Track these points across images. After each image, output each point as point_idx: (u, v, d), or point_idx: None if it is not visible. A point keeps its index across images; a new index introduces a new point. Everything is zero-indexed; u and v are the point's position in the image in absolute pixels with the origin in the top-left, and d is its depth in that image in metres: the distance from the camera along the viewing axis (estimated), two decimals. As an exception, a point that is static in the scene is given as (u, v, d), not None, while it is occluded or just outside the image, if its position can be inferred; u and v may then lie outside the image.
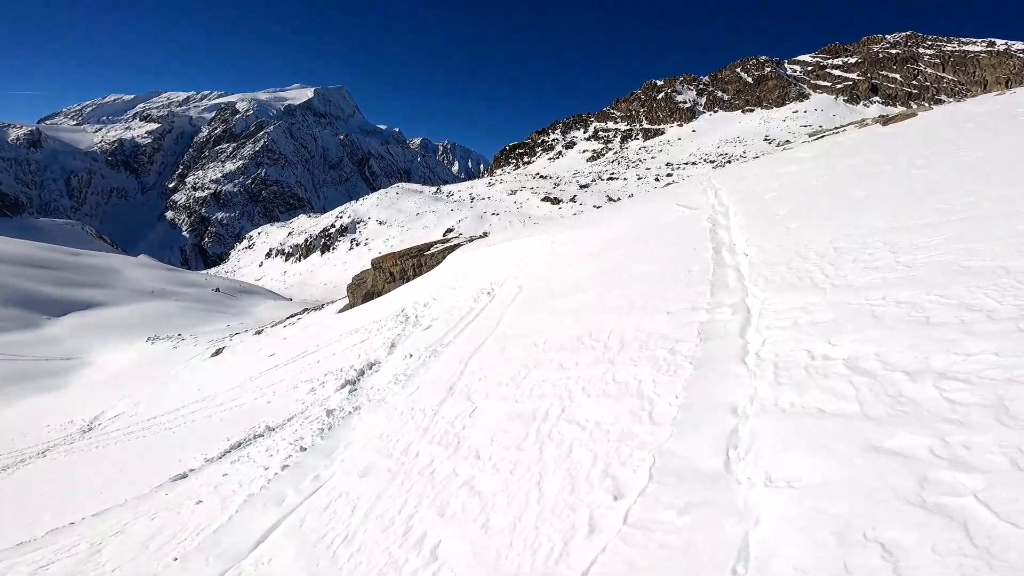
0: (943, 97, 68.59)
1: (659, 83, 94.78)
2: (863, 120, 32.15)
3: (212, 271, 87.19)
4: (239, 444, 9.13)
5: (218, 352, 23.90)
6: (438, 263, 18.38)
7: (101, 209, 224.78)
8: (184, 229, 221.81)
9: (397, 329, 13.70)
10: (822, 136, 28.28)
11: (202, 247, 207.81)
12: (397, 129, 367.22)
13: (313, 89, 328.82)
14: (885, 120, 23.03)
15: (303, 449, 7.26)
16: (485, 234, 23.10)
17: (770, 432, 3.11)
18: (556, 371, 5.39)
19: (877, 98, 76.22)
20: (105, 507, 8.01)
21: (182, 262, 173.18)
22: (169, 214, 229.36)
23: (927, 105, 58.90)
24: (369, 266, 22.54)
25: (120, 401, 19.21)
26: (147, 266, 52.83)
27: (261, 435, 9.26)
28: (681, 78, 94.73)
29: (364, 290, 21.58)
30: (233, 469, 7.63)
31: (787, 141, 63.31)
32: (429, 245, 20.95)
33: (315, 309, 27.73)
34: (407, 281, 19.39)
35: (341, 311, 21.71)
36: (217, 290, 47.85)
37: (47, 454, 14.93)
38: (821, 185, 9.57)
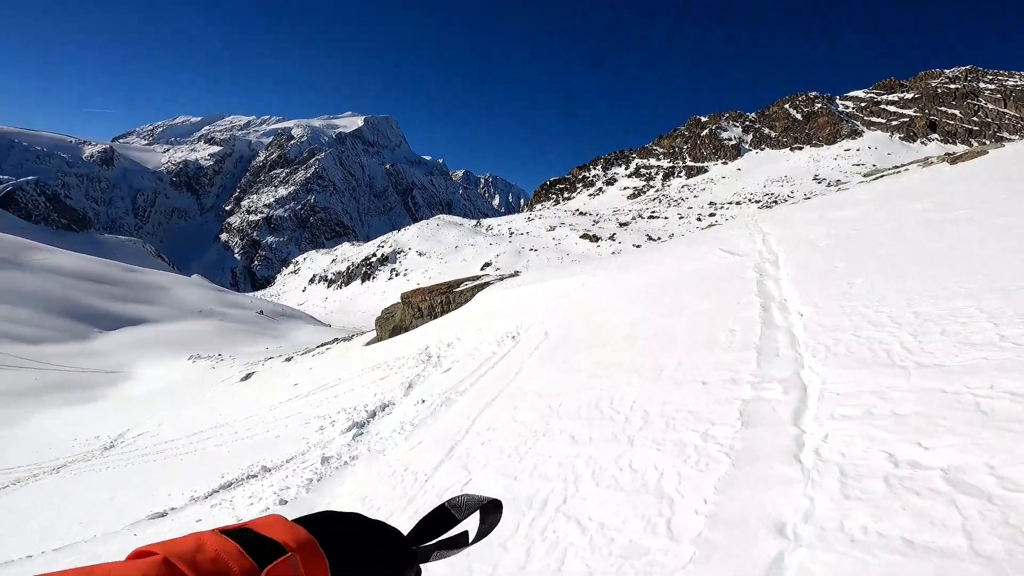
0: (1005, 134, 65.00)
1: (704, 119, 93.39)
2: (927, 159, 30.34)
3: (258, 294, 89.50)
4: (230, 484, 8.80)
5: (247, 377, 23.90)
6: (467, 301, 17.83)
7: (162, 228, 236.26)
8: (236, 251, 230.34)
9: (418, 369, 13.36)
10: (880, 176, 26.73)
11: (251, 269, 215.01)
12: (441, 160, 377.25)
13: (363, 118, 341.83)
14: (953, 159, 21.47)
15: (283, 503, 6.73)
16: (516, 273, 22.46)
17: (831, 570, 2.23)
18: (566, 445, 4.55)
19: (935, 135, 72.74)
20: (71, 542, 7.68)
21: (232, 283, 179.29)
22: (224, 236, 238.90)
23: (991, 142, 55.81)
24: (426, 291, 22.11)
25: (148, 419, 19.32)
26: (198, 286, 54.47)
27: (255, 475, 8.91)
28: (727, 114, 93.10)
29: (392, 324, 21.15)
30: (209, 515, 7.23)
31: (839, 180, 61.08)
32: (459, 282, 20.42)
33: (344, 340, 27.51)
34: (435, 317, 18.87)
35: (368, 344, 21.35)
36: (261, 313, 48.88)
37: (60, 471, 14.98)
38: (886, 233, 8.49)
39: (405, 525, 2.64)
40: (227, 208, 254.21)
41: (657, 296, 9.22)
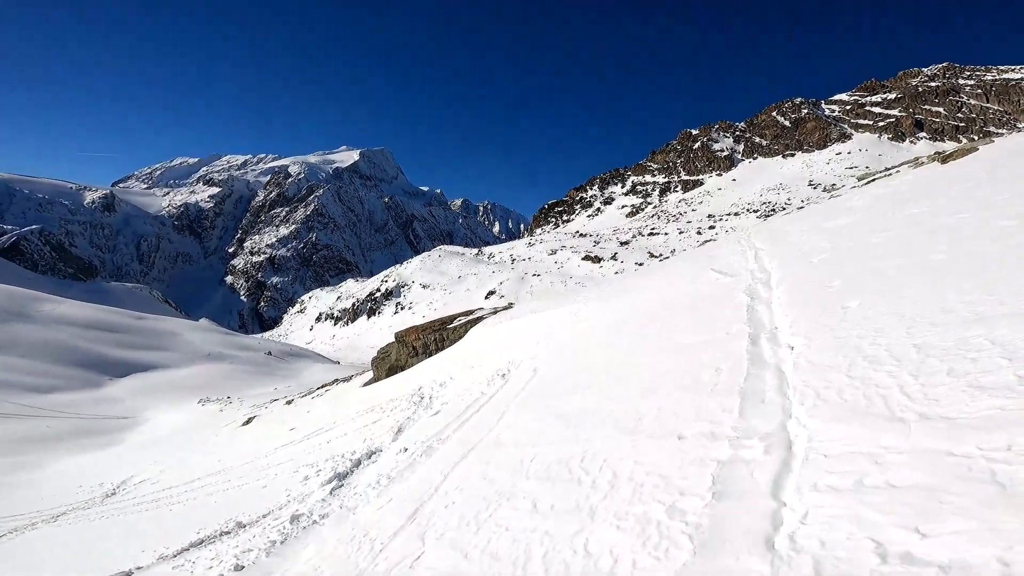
0: (991, 128, 65.15)
1: (694, 132, 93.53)
2: (917, 159, 29.85)
3: (266, 335, 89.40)
4: (201, 541, 8.54)
5: (249, 421, 23.62)
6: (460, 337, 17.43)
7: (168, 273, 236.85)
8: (242, 293, 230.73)
9: (409, 411, 13.20)
10: (873, 179, 26.25)
11: (258, 311, 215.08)
12: (439, 190, 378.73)
13: (359, 151, 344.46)
14: (943, 157, 20.97)
15: (239, 568, 6.34)
16: (510, 305, 22.04)
17: None
18: (526, 514, 4.08)
19: (923, 133, 72.91)
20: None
21: (240, 326, 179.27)
22: (229, 279, 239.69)
23: (979, 138, 55.60)
24: (420, 329, 21.76)
25: (152, 465, 19.11)
26: (205, 330, 54.63)
27: (228, 532, 8.64)
28: (716, 125, 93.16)
29: (388, 364, 20.73)
30: (168, 577, 6.75)
31: (833, 185, 60.83)
32: (452, 318, 20.04)
33: (344, 380, 27.08)
34: (429, 356, 18.49)
35: (365, 385, 21.02)
36: (269, 353, 48.89)
37: (58, 520, 14.76)
38: (883, 244, 7.97)
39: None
40: (230, 250, 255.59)
41: (644, 327, 8.73)
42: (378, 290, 77.06)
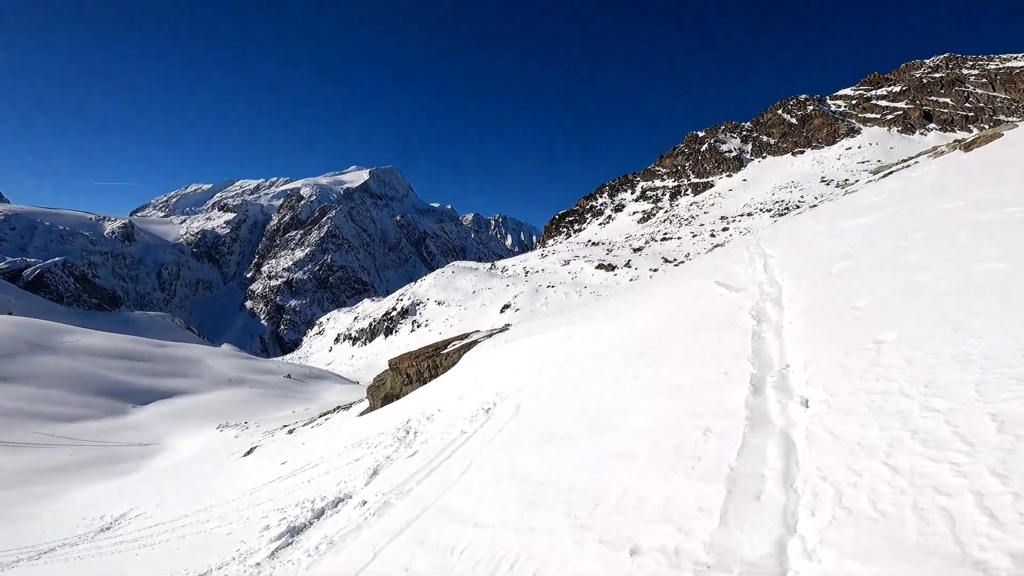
0: (1001, 117, 63.07)
1: (700, 134, 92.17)
2: (936, 148, 28.10)
3: (286, 358, 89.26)
4: None
5: (250, 451, 22.76)
6: (453, 364, 16.35)
7: (189, 301, 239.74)
8: (262, 317, 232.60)
9: (391, 449, 12.38)
10: (890, 171, 24.60)
11: (279, 334, 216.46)
12: (450, 206, 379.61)
13: (368, 171, 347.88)
14: (966, 144, 19.45)
15: None
16: (507, 326, 20.87)
17: None
18: None
19: (933, 125, 70.65)
20: None
21: (262, 350, 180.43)
22: (248, 303, 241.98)
23: (991, 126, 53.55)
24: (413, 356, 20.81)
25: (152, 498, 18.19)
26: (227, 355, 54.65)
27: None
28: (723, 126, 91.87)
29: (383, 392, 19.69)
30: None
31: (846, 180, 58.89)
32: (446, 343, 18.95)
33: (344, 408, 26.11)
34: (423, 383, 17.42)
35: (361, 414, 20.06)
36: (288, 376, 48.75)
37: (41, 557, 13.77)
38: (916, 248, 6.57)
39: None
40: (248, 275, 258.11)
41: (636, 358, 7.41)
42: (394, 309, 76.37)
